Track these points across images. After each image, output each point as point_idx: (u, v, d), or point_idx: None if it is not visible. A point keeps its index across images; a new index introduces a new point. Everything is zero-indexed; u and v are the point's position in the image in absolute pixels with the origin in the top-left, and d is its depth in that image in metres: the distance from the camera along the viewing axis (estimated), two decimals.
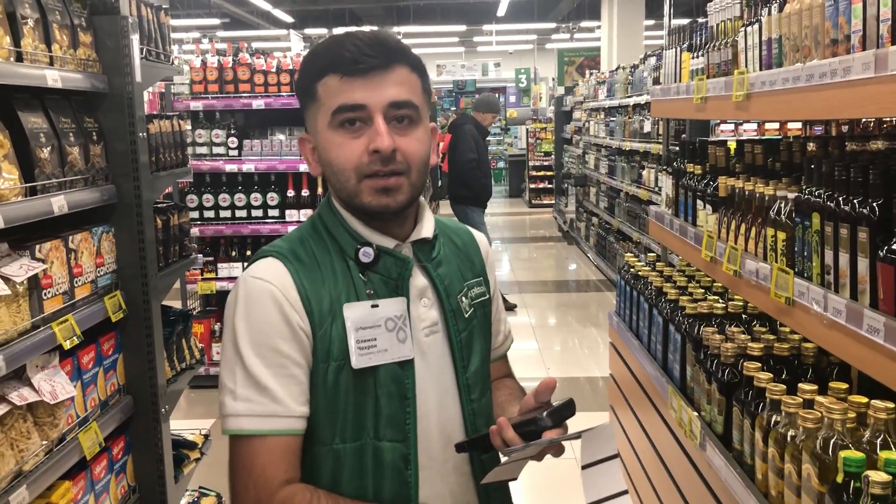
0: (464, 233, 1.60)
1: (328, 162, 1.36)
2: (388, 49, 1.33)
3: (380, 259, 1.38)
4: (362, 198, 1.34)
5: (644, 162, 7.33)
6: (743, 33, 2.32)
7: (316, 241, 1.41)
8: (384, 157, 1.31)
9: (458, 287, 1.48)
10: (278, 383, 1.30)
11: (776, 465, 1.72)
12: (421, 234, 1.43)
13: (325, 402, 1.33)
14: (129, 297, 2.58)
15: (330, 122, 1.34)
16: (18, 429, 1.99)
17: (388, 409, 1.35)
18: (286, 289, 1.33)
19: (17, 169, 2.02)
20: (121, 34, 2.52)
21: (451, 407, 1.43)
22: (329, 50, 1.34)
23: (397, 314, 1.37)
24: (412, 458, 1.37)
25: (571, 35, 19.18)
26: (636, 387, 3.10)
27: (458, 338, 1.44)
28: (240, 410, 1.30)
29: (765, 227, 2.13)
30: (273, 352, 1.31)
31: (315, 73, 1.35)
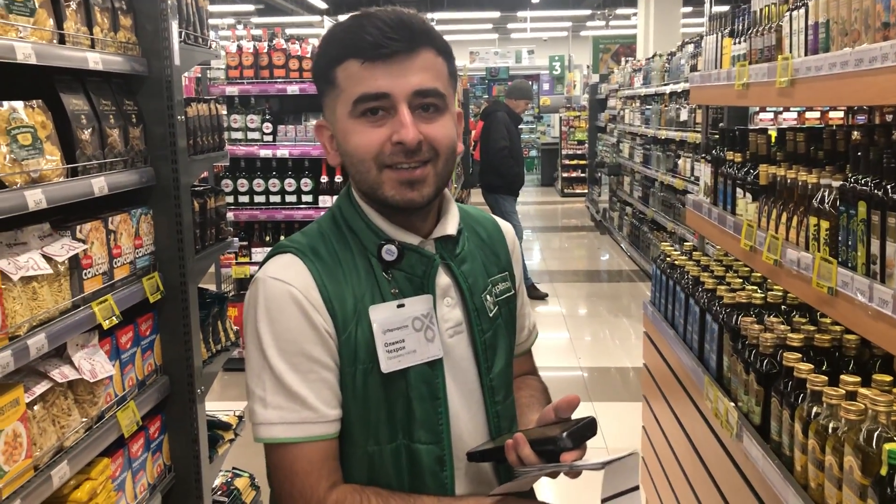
0: (489, 223, 1.53)
1: (347, 152, 1.29)
2: (412, 31, 1.24)
3: (403, 256, 1.32)
4: (384, 190, 1.28)
5: (680, 151, 7.24)
6: (788, 18, 2.27)
7: (336, 236, 1.35)
8: (408, 150, 1.24)
9: (483, 284, 1.42)
10: (309, 389, 1.26)
11: (816, 457, 1.69)
12: (445, 231, 1.37)
13: (355, 406, 1.29)
14: (166, 279, 2.60)
15: (351, 111, 1.26)
16: (60, 405, 2.02)
17: (421, 411, 1.31)
18: (308, 290, 1.27)
19: (58, 150, 2.04)
20: (160, 17, 2.54)
21: (475, 408, 1.39)
22: (348, 32, 1.25)
23: (424, 313, 1.31)
24: (447, 459, 1.33)
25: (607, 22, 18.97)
26: (671, 377, 3.07)
27: (482, 338, 1.39)
28: (272, 418, 1.26)
29: (807, 216, 2.08)
30: (301, 356, 1.26)
31: (334, 58, 1.27)
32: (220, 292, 3.69)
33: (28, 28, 1.93)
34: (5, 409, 1.74)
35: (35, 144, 1.92)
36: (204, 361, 2.92)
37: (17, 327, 1.83)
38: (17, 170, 1.84)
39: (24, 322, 1.85)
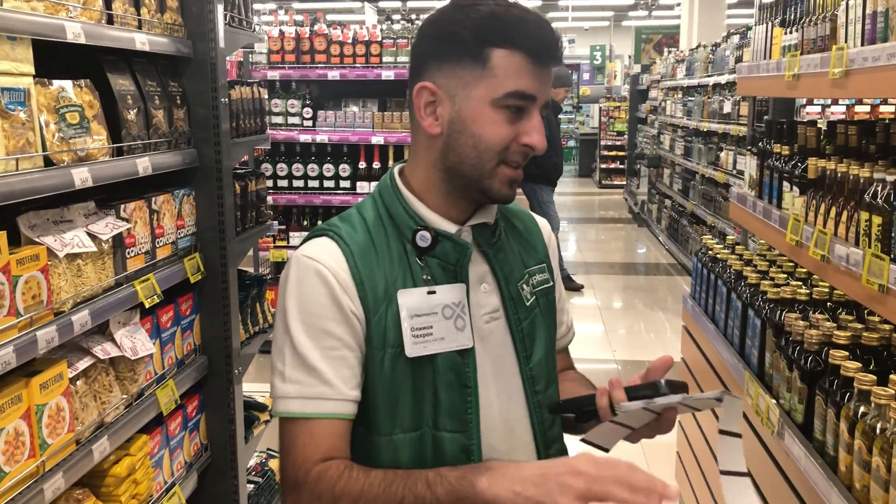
0: (525, 217, 1.53)
1: (473, 134, 1.27)
2: (561, 48, 1.31)
3: (438, 243, 1.32)
4: (493, 182, 1.29)
5: (722, 143, 7.13)
6: (844, 7, 2.21)
7: (374, 220, 1.35)
8: (527, 154, 1.29)
9: (519, 274, 1.41)
10: (328, 364, 1.26)
11: (862, 458, 1.65)
12: (483, 219, 1.37)
13: (383, 391, 1.28)
14: (207, 260, 2.63)
15: (496, 99, 1.25)
16: (101, 382, 2.05)
17: (448, 399, 1.30)
18: (338, 271, 1.28)
19: (105, 129, 2.07)
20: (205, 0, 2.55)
21: (514, 397, 1.37)
22: (522, 24, 1.25)
23: (455, 301, 1.31)
24: (474, 449, 1.31)
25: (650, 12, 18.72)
26: (710, 372, 3.03)
27: (520, 326, 1.38)
28: (289, 392, 1.26)
29: (858, 211, 2.03)
30: (323, 333, 1.26)
31: (495, 38, 1.24)
32: (259, 275, 3.72)
33: (78, 8, 1.95)
34: (49, 383, 1.77)
35: (82, 123, 1.94)
36: (242, 343, 2.95)
37: (62, 303, 1.86)
38: (65, 148, 1.87)
39: (69, 298, 1.88)
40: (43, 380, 1.75)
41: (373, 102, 5.91)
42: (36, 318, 1.74)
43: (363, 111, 5.76)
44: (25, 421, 1.69)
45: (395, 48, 5.63)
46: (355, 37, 5.67)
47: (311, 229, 1.39)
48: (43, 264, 1.76)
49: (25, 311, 1.70)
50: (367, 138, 5.60)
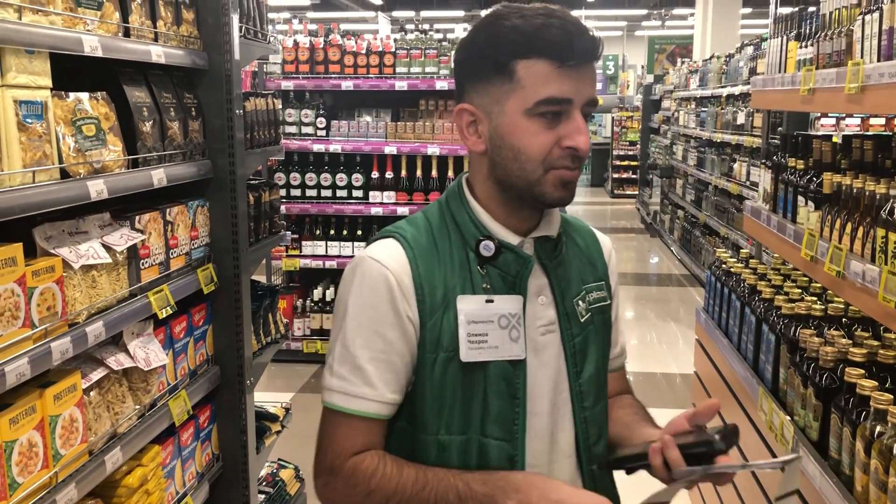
0: (587, 233, 1.53)
1: (513, 147, 1.29)
2: (596, 44, 1.28)
3: (500, 254, 1.34)
4: (544, 188, 1.30)
5: (736, 155, 7.10)
6: (860, 22, 2.20)
7: (439, 227, 1.38)
8: (577, 156, 1.28)
9: (576, 290, 1.42)
10: (374, 367, 1.31)
11: (879, 479, 1.63)
12: (545, 232, 1.39)
13: (431, 393, 1.32)
14: (220, 270, 2.63)
15: (529, 109, 1.27)
16: (114, 392, 2.06)
17: (497, 408, 1.32)
18: (401, 275, 1.31)
19: (120, 141, 2.08)
20: (221, 12, 2.57)
21: (562, 410, 1.38)
22: (542, 31, 1.25)
23: (512, 312, 1.32)
24: (518, 459, 1.33)
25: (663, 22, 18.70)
26: (722, 386, 3.01)
27: (572, 342, 1.39)
28: (334, 387, 1.33)
29: (874, 227, 2.01)
30: (376, 335, 1.31)
31: (518, 50, 1.26)
32: (271, 285, 3.73)
33: (95, 21, 1.97)
34: (63, 394, 1.78)
35: (98, 135, 1.96)
36: (254, 353, 2.95)
37: (77, 314, 1.86)
38: (81, 160, 1.88)
39: (83, 310, 1.89)
40: (57, 391, 1.75)
41: (386, 112, 5.92)
42: (51, 329, 1.75)
43: (376, 121, 5.78)
44: (39, 432, 1.69)
45: (409, 59, 5.65)
46: (369, 47, 5.69)
47: (379, 231, 1.44)
48: (58, 276, 1.77)
49: (40, 322, 1.71)
50: (380, 148, 5.62)
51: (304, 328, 5.89)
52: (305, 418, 4.80)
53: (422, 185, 5.68)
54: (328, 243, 5.84)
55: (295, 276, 6.21)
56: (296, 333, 5.86)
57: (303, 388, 5.43)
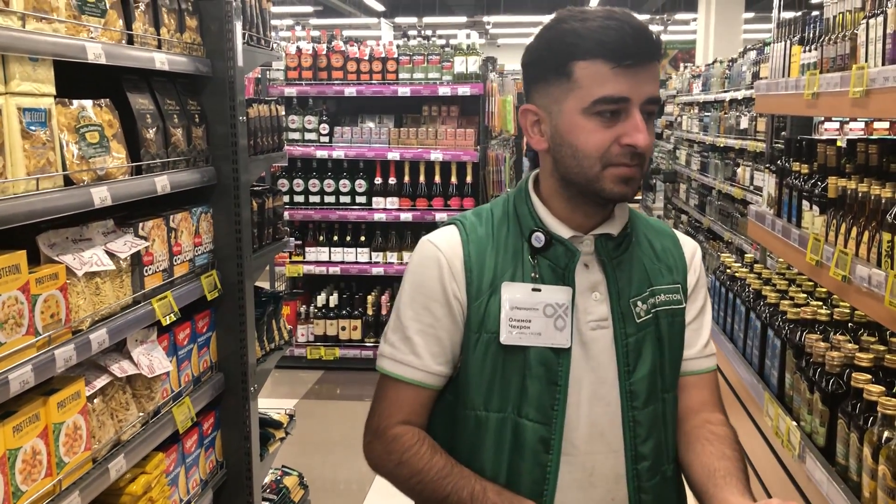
0: (668, 237, 1.53)
1: (571, 145, 1.34)
2: (655, 44, 1.31)
3: (551, 246, 1.40)
4: (603, 184, 1.34)
5: (739, 159, 7.09)
6: (864, 26, 2.19)
7: (501, 217, 1.46)
8: (636, 153, 1.31)
9: (637, 290, 1.42)
10: (422, 339, 1.41)
11: (887, 484, 1.62)
12: (606, 230, 1.42)
13: (474, 370, 1.39)
14: (224, 277, 2.63)
15: (586, 109, 1.31)
16: (118, 399, 2.06)
17: (535, 391, 1.37)
18: (452, 257, 1.41)
19: (124, 148, 2.08)
20: (225, 19, 2.57)
21: (610, 405, 1.39)
22: (598, 33, 1.29)
23: (559, 302, 1.37)
24: (554, 444, 1.37)
25: (665, 27, 18.71)
26: (728, 392, 2.99)
27: (625, 341, 1.40)
28: (385, 352, 1.45)
29: (880, 232, 2.01)
30: (425, 310, 1.41)
31: (575, 52, 1.30)
32: (275, 291, 3.73)
33: (98, 29, 1.97)
34: (67, 401, 1.77)
35: (102, 143, 1.96)
36: (258, 359, 2.95)
37: (80, 322, 1.86)
38: (85, 167, 1.88)
39: (87, 317, 1.89)
40: (60, 398, 1.75)
41: (389, 118, 5.93)
42: (54, 336, 1.75)
43: (379, 127, 5.78)
44: (43, 440, 1.69)
45: (412, 65, 5.65)
46: (372, 53, 5.69)
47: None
48: (62, 283, 1.77)
49: (44, 329, 1.71)
50: (384, 154, 5.62)
51: (307, 334, 5.89)
52: (310, 425, 4.80)
53: (425, 191, 5.68)
54: (331, 249, 5.84)
55: (298, 283, 6.21)
56: (299, 340, 5.86)
57: (307, 394, 5.42)
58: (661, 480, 1.42)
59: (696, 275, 1.52)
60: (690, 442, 1.43)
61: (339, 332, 5.86)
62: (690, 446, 1.43)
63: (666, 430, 1.44)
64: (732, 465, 1.35)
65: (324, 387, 5.60)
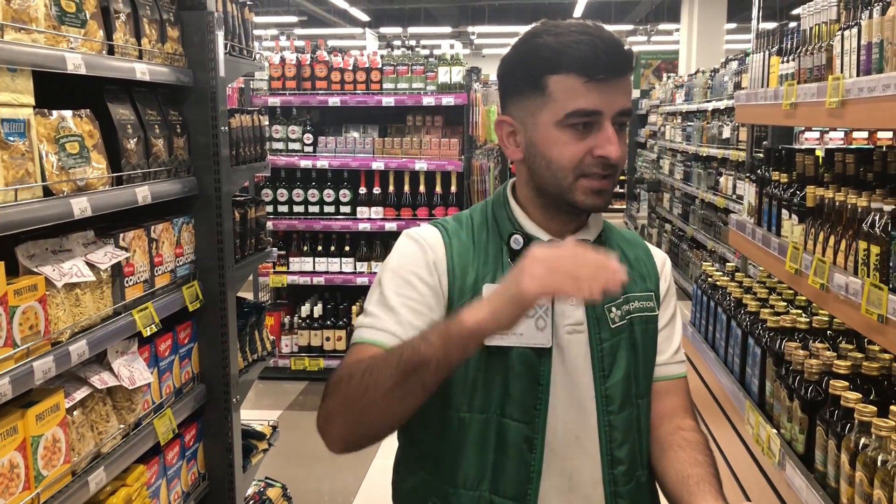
0: (640, 248, 1.57)
1: (545, 156, 1.36)
2: (628, 58, 1.34)
3: (529, 248, 1.39)
4: (575, 195, 1.36)
5: (722, 168, 7.15)
6: (839, 37, 2.22)
7: (480, 222, 1.48)
8: (608, 164, 1.33)
9: (612, 297, 1.43)
10: (406, 311, 1.37)
11: (864, 491, 1.63)
12: (582, 236, 1.45)
13: (458, 371, 1.37)
14: (205, 288, 2.62)
15: (560, 121, 1.34)
16: (98, 411, 2.04)
17: (518, 391, 1.37)
18: (437, 250, 1.42)
19: (104, 159, 2.07)
20: (207, 29, 2.57)
21: (587, 410, 1.41)
22: (571, 48, 1.31)
23: (540, 303, 1.37)
24: (538, 443, 1.38)
25: (649, 37, 18.85)
26: (710, 400, 3.01)
27: (600, 346, 1.42)
28: (363, 323, 1.39)
29: (857, 240, 2.03)
30: (409, 286, 1.39)
31: (549, 66, 1.33)
32: (257, 301, 3.71)
33: (79, 39, 1.97)
34: (45, 414, 1.76)
35: (82, 153, 1.95)
36: (240, 370, 2.94)
37: (60, 333, 1.85)
38: (65, 178, 1.87)
39: (67, 328, 1.88)
40: (39, 411, 1.74)
41: (373, 128, 5.93)
42: (33, 348, 1.73)
43: (363, 137, 5.79)
44: (21, 453, 1.67)
45: (396, 75, 5.66)
46: (356, 63, 5.70)
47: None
48: (41, 294, 1.76)
49: (22, 341, 1.69)
50: (368, 164, 5.62)
51: (291, 345, 5.87)
52: (293, 436, 4.78)
53: (410, 201, 5.68)
54: (315, 259, 5.83)
55: (282, 293, 6.19)
56: (283, 351, 5.83)
57: (290, 405, 5.40)
58: (636, 486, 1.43)
59: (666, 283, 1.56)
60: (664, 448, 1.45)
61: (323, 343, 5.85)
62: (664, 453, 1.44)
63: (640, 436, 1.46)
64: (705, 471, 1.37)
65: (308, 398, 5.57)
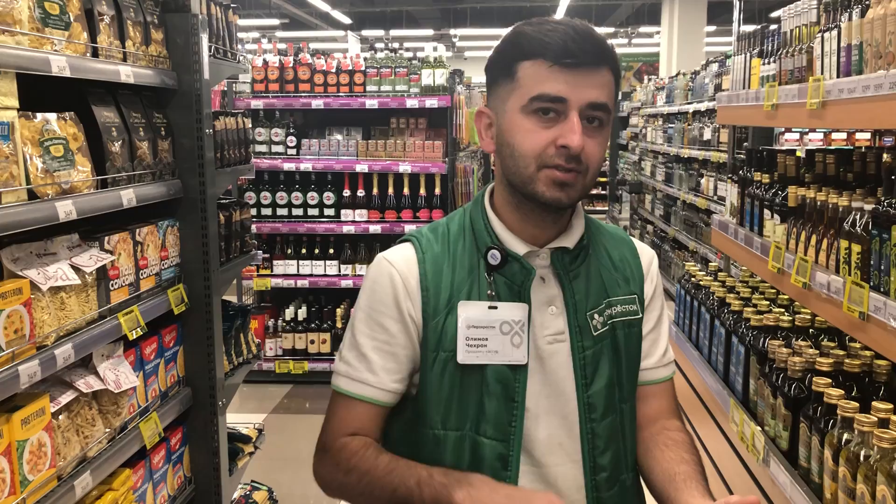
0: (626, 246, 1.53)
1: (510, 144, 1.34)
2: (600, 49, 1.31)
3: (507, 263, 1.39)
4: (537, 186, 1.33)
5: (703, 170, 7.21)
6: (819, 39, 2.25)
7: (457, 232, 1.45)
8: (570, 155, 1.30)
9: (594, 303, 1.42)
10: (378, 356, 1.40)
11: (847, 486, 1.66)
12: (562, 243, 1.42)
13: (431, 389, 1.38)
14: (191, 291, 2.61)
15: (524, 107, 1.32)
16: (84, 415, 2.03)
17: (492, 409, 1.36)
18: (407, 276, 1.40)
19: (89, 162, 2.06)
20: (191, 32, 2.57)
21: (569, 419, 1.40)
22: (541, 34, 1.31)
23: (515, 319, 1.37)
24: (512, 460, 1.37)
25: (630, 40, 18.96)
26: (695, 399, 3.04)
27: (582, 354, 1.40)
28: (340, 370, 1.44)
29: (838, 239, 2.06)
30: (380, 327, 1.40)
31: (520, 53, 1.33)
32: (243, 305, 3.70)
33: (63, 41, 1.96)
34: (31, 418, 1.75)
35: (66, 156, 1.94)
36: (226, 374, 2.93)
37: (45, 337, 1.84)
38: (49, 181, 1.86)
39: (52, 332, 1.87)
40: (24, 415, 1.72)
41: (357, 131, 5.93)
42: (18, 352, 1.72)
43: (347, 139, 5.78)
44: (6, 457, 1.66)
45: (379, 77, 5.67)
46: (339, 66, 5.70)
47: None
48: (26, 298, 1.75)
49: (7, 345, 1.68)
50: (352, 166, 5.62)
51: (276, 348, 5.85)
52: (279, 440, 4.76)
53: (394, 203, 5.68)
54: (300, 262, 5.82)
55: (266, 296, 6.17)
56: (268, 354, 5.82)
57: (276, 408, 5.38)
58: (619, 490, 1.43)
59: (652, 284, 1.53)
60: (650, 448, 1.46)
61: (307, 346, 5.83)
62: (650, 452, 1.45)
63: (624, 441, 1.45)
64: (691, 469, 1.38)
65: (293, 401, 5.56)
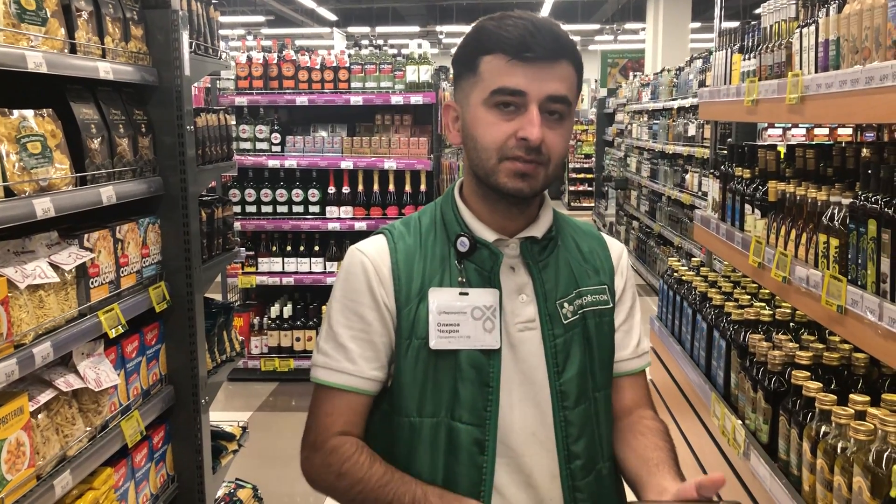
0: (595, 240, 1.56)
1: (473, 137, 1.38)
2: (559, 42, 1.34)
3: (476, 250, 1.42)
4: (499, 177, 1.36)
5: (687, 166, 7.24)
6: (798, 35, 2.27)
7: (428, 224, 1.48)
8: (530, 147, 1.32)
9: (563, 292, 1.44)
10: (356, 345, 1.41)
11: (825, 477, 1.67)
12: (530, 233, 1.45)
13: (407, 377, 1.40)
14: (173, 289, 2.60)
15: (485, 100, 1.35)
16: (64, 414, 2.02)
17: (467, 394, 1.38)
18: (380, 265, 1.42)
19: (68, 159, 2.05)
20: (171, 28, 2.55)
21: (542, 407, 1.41)
22: (502, 29, 1.34)
23: (487, 304, 1.39)
24: (489, 445, 1.38)
25: (615, 37, 19.01)
26: (677, 393, 3.05)
27: (553, 342, 1.42)
28: (318, 362, 1.44)
29: (817, 234, 2.07)
30: (356, 316, 1.41)
31: (482, 48, 1.36)
32: (226, 302, 3.69)
33: (40, 37, 1.94)
34: (9, 417, 1.74)
35: (44, 153, 1.93)
36: (209, 371, 2.92)
37: (23, 335, 1.83)
38: (26, 178, 1.85)
39: (30, 330, 1.85)
40: (2, 414, 1.71)
41: (342, 127, 5.92)
42: None
43: (332, 136, 5.77)
44: None
45: (364, 74, 5.66)
46: (323, 63, 5.68)
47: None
48: (3, 296, 1.74)
49: None
50: (336, 163, 5.61)
51: (261, 346, 5.83)
52: (264, 437, 4.75)
53: (379, 200, 5.67)
54: (285, 259, 5.80)
55: (252, 294, 6.15)
56: (253, 351, 5.80)
57: (261, 406, 5.36)
58: (595, 479, 1.44)
59: (623, 277, 1.55)
60: (625, 437, 1.47)
61: (293, 343, 5.82)
62: (625, 441, 1.47)
63: (599, 429, 1.46)
64: (664, 455, 1.40)
65: (279, 399, 5.54)
